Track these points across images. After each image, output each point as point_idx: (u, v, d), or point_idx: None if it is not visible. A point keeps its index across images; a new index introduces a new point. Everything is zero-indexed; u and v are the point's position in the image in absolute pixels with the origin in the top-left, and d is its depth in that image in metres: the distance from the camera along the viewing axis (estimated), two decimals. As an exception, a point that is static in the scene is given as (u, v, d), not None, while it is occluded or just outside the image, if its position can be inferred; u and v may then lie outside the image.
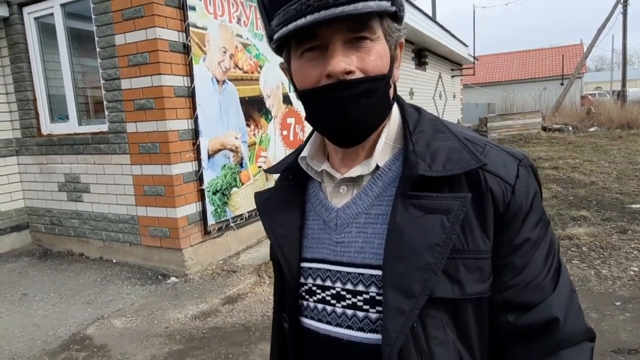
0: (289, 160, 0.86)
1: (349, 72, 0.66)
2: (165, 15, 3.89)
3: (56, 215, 4.88)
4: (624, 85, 21.54)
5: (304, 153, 0.81)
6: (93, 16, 4.09)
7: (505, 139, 14.02)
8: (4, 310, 3.63)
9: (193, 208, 4.24)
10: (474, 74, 18.33)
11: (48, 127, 4.76)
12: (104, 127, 4.33)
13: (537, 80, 27.57)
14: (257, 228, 5.13)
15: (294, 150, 0.89)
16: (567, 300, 0.72)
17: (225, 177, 4.58)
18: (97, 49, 4.14)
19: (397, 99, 0.80)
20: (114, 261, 4.55)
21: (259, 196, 0.88)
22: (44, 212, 4.97)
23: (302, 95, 0.73)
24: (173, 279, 4.13)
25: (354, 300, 0.72)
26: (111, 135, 4.27)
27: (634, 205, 5.76)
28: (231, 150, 4.65)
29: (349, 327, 0.72)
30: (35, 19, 4.55)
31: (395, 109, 0.79)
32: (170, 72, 3.94)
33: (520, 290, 0.70)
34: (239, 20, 4.76)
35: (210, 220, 4.38)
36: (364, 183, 0.76)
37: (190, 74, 4.12)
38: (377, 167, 0.75)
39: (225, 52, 4.56)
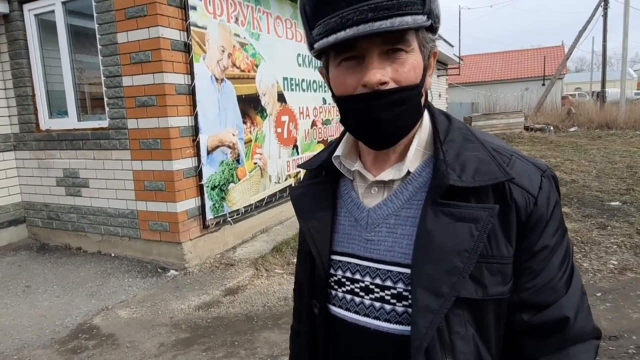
0: (322, 158, 0.89)
1: (384, 83, 0.70)
2: (167, 15, 3.98)
3: (54, 210, 4.93)
4: (603, 86, 22.02)
5: (338, 152, 0.85)
6: (95, 14, 4.16)
7: (489, 138, 14.32)
8: (9, 301, 3.70)
9: (192, 203, 4.35)
10: (459, 74, 18.65)
11: (46, 122, 4.80)
12: (104, 123, 4.41)
13: (520, 80, 28.15)
14: (253, 223, 5.26)
15: (324, 148, 0.94)
16: (578, 302, 0.77)
17: (223, 173, 4.69)
18: (99, 47, 4.21)
19: (428, 106, 0.84)
20: (113, 255, 4.63)
21: (293, 191, 0.92)
22: (42, 207, 5.01)
23: (338, 101, 0.77)
24: (173, 272, 4.23)
25: (382, 294, 0.77)
26: (111, 131, 4.34)
27: (612, 203, 6.05)
28: (229, 147, 4.76)
29: (376, 318, 0.78)
30: (36, 15, 4.59)
31: (426, 116, 0.82)
32: (171, 70, 4.04)
33: (536, 292, 0.75)
34: (236, 20, 4.86)
35: (209, 215, 4.49)
36: (395, 186, 0.80)
37: (190, 72, 4.22)
38: (408, 172, 0.79)
39: (223, 51, 4.66)
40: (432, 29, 0.74)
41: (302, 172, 5.82)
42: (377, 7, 0.66)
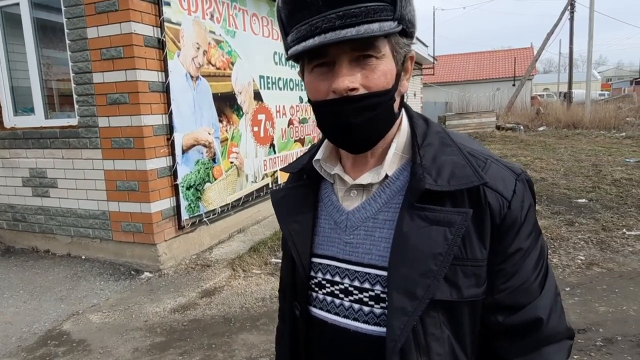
0: (303, 162, 0.90)
1: (353, 89, 0.70)
2: (140, 10, 3.87)
3: (20, 211, 4.74)
4: (570, 87, 22.72)
5: (318, 156, 0.85)
6: (63, 8, 4.01)
7: (462, 137, 14.60)
8: (-28, 308, 3.54)
9: (167, 203, 4.25)
10: (433, 74, 18.91)
11: (11, 120, 4.61)
12: (74, 121, 4.26)
13: (491, 80, 28.79)
14: (229, 223, 5.19)
15: (306, 151, 0.94)
16: (552, 303, 0.78)
17: (198, 173, 4.61)
18: (67, 42, 4.06)
19: (407, 109, 0.84)
20: (83, 257, 4.48)
21: (275, 194, 0.93)
22: (6, 208, 4.81)
23: (313, 105, 0.78)
24: (147, 274, 4.13)
25: (361, 296, 0.78)
26: (81, 130, 4.20)
27: (579, 200, 6.25)
28: (204, 145, 4.68)
29: (355, 320, 0.79)
30: (-1, 8, 4.40)
31: (405, 120, 0.83)
32: (145, 67, 3.93)
33: (510, 294, 0.76)
34: (212, 16, 4.78)
35: (184, 215, 4.41)
36: (374, 190, 0.81)
37: (164, 70, 4.12)
38: (386, 175, 0.80)
39: (198, 48, 4.58)
40: (406, 33, 0.74)
41: (279, 170, 5.74)
42: (345, 15, 0.67)
